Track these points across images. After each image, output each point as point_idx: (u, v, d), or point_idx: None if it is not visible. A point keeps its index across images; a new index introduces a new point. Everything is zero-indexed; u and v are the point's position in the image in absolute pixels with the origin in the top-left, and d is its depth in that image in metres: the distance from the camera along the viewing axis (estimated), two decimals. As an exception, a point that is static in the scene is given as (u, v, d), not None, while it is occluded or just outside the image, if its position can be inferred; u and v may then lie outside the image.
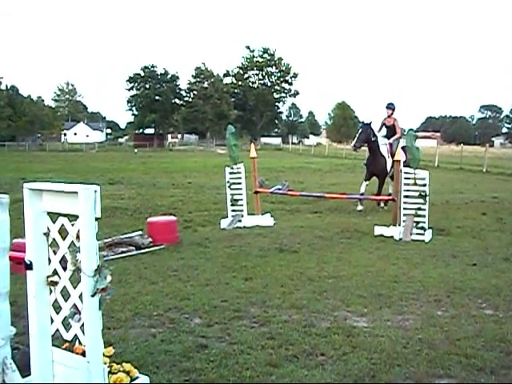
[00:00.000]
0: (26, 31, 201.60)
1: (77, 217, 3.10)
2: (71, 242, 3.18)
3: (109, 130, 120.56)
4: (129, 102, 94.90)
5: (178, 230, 9.75)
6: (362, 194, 13.19)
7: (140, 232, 9.27)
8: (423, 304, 5.76)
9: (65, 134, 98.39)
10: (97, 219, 3.09)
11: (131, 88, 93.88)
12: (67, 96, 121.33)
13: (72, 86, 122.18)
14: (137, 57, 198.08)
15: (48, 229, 3.31)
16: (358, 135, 13.65)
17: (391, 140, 14.05)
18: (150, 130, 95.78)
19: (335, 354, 4.35)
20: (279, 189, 16.04)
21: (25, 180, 21.18)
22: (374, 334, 4.81)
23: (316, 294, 6.09)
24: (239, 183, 11.52)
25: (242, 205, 11.47)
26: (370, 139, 13.52)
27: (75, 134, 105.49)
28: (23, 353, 3.78)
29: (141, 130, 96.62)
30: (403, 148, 12.50)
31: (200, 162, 36.94)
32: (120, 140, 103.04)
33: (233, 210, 11.48)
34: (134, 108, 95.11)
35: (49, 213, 3.31)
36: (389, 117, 14.32)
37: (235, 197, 11.49)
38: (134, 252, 8.63)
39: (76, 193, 3.04)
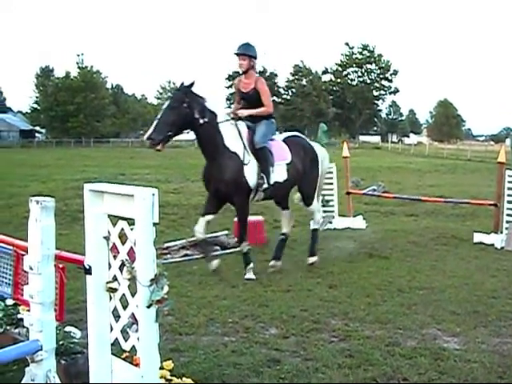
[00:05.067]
0: (131, 34, 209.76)
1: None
2: (130, 247, 2.99)
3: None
4: (228, 99, 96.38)
5: (265, 230, 9.53)
6: (202, 241, 7.19)
7: (226, 232, 9.13)
8: (525, 325, 5.14)
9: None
10: (155, 224, 2.86)
11: (230, 86, 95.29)
12: (169, 94, 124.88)
13: (174, 84, 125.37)
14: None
15: (109, 232, 3.14)
16: (159, 115, 6.72)
17: (246, 112, 7.18)
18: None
19: (419, 380, 3.89)
20: (374, 190, 15.51)
21: (124, 175, 21.87)
22: (465, 358, 4.29)
23: (404, 307, 5.62)
24: (331, 183, 11.15)
25: (333, 206, 11.10)
26: (192, 122, 6.73)
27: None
28: (87, 358, 3.65)
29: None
30: (286, 140, 7.54)
31: (295, 160, 36.60)
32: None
33: (324, 211, 11.12)
34: (232, 106, 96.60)
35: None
36: (245, 73, 7.24)
37: (326, 197, 11.13)
38: (219, 252, 8.48)
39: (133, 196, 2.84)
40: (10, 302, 4.39)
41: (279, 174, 7.20)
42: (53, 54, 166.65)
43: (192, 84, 6.78)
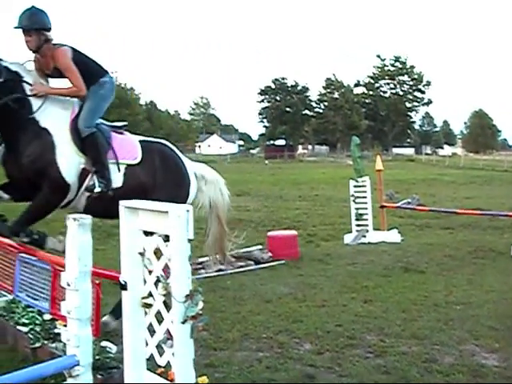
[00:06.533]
0: (163, 51, 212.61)
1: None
2: (165, 263, 3.01)
3: (241, 142, 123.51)
4: (260, 114, 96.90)
5: (298, 244, 9.51)
6: None
7: (260, 246, 9.13)
8: None
9: (199, 146, 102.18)
10: (190, 241, 2.88)
11: (262, 100, 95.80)
12: (202, 109, 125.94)
13: (206, 99, 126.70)
14: (268, 69, 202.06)
15: (144, 248, 3.17)
16: None
17: (43, 89, 5.01)
18: (281, 142, 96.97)
19: (458, 398, 3.83)
20: (409, 203, 15.39)
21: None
22: (505, 375, 4.19)
23: (441, 322, 5.52)
24: (364, 197, 11.09)
25: (366, 219, 11.02)
26: None
27: (209, 145, 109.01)
28: (122, 373, 3.68)
29: (272, 142, 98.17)
30: (143, 143, 5.54)
31: (329, 174, 36.54)
32: (252, 151, 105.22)
33: (357, 225, 11.06)
34: (265, 120, 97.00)
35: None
36: (37, 52, 5.08)
37: (360, 211, 11.07)
38: (253, 267, 8.48)
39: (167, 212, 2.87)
40: (47, 316, 4.47)
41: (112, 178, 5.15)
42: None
43: None
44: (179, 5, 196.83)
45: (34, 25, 4.98)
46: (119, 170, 5.19)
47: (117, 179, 5.16)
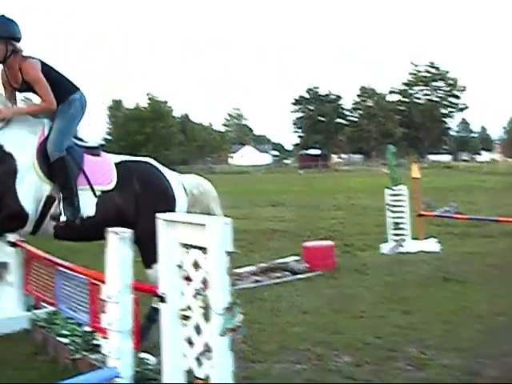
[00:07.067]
0: (197, 65, 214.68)
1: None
2: (203, 276, 3.02)
3: (275, 152, 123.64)
4: (295, 123, 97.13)
5: (334, 255, 9.43)
6: None
7: (297, 257, 9.08)
8: None
9: (232, 157, 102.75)
10: (230, 253, 2.88)
11: (297, 110, 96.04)
12: (235, 120, 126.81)
13: (239, 110, 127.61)
14: (300, 79, 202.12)
15: (181, 261, 3.19)
16: None
17: (11, 112, 4.84)
18: (316, 151, 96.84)
19: (504, 413, 3.73)
20: (447, 211, 15.14)
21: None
22: (553, 389, 4.08)
23: (484, 334, 5.38)
24: (401, 206, 10.94)
25: (404, 229, 10.87)
26: None
27: (242, 156, 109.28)
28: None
29: (305, 151, 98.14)
30: (120, 164, 5.17)
31: (364, 182, 36.20)
32: (286, 161, 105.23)
33: (394, 234, 10.91)
34: (299, 130, 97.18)
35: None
36: (3, 62, 4.92)
37: (396, 220, 10.92)
38: (289, 278, 8.45)
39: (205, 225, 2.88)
40: (87, 327, 4.51)
41: (83, 205, 4.83)
42: (120, 87, 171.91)
43: None
44: (187, 6, 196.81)
45: (3, 33, 4.81)
46: (95, 196, 4.89)
47: (88, 207, 4.86)
